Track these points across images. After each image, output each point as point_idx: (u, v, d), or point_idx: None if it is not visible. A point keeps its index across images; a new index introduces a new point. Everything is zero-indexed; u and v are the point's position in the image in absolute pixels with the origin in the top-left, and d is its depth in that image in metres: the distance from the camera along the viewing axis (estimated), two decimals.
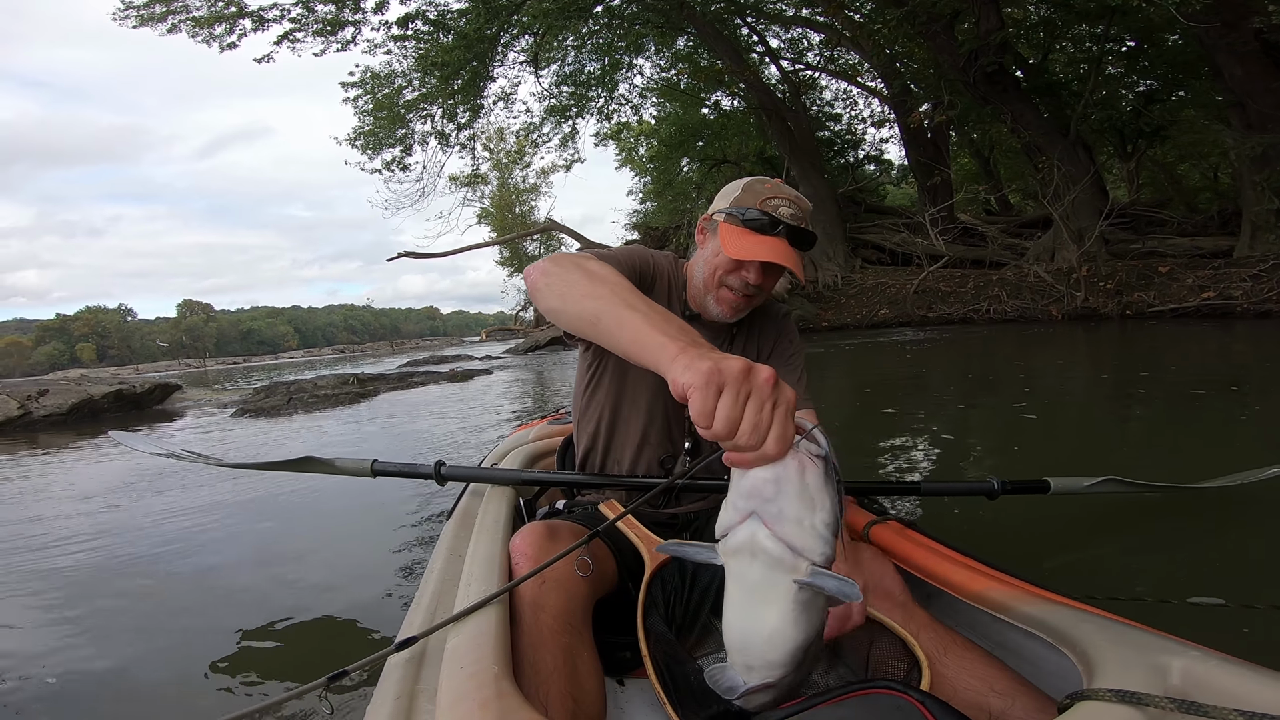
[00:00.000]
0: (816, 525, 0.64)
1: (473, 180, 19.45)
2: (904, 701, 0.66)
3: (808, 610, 0.67)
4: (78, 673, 1.49)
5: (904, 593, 0.93)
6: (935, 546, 1.10)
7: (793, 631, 0.67)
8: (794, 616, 0.66)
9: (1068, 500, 1.93)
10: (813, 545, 0.64)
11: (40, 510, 3.14)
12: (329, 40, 12.79)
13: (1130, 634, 0.74)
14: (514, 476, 1.32)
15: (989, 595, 0.92)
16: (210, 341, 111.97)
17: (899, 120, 15.25)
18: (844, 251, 14.21)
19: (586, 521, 1.07)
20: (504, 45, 14.17)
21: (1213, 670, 0.63)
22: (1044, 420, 3.63)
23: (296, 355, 60.26)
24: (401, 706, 0.67)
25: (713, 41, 14.03)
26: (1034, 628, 0.83)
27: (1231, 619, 1.24)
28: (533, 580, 0.86)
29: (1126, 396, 4.12)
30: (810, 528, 0.64)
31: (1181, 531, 1.90)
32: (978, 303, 11.36)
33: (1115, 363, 5.96)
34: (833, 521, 0.65)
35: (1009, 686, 0.77)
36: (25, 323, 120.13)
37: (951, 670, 0.80)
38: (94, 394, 6.56)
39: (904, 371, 6.46)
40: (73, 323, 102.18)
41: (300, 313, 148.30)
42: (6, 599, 2.00)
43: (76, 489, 3.59)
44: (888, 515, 1.23)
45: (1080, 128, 11.61)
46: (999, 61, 9.80)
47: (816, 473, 0.64)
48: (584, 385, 1.29)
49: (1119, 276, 10.14)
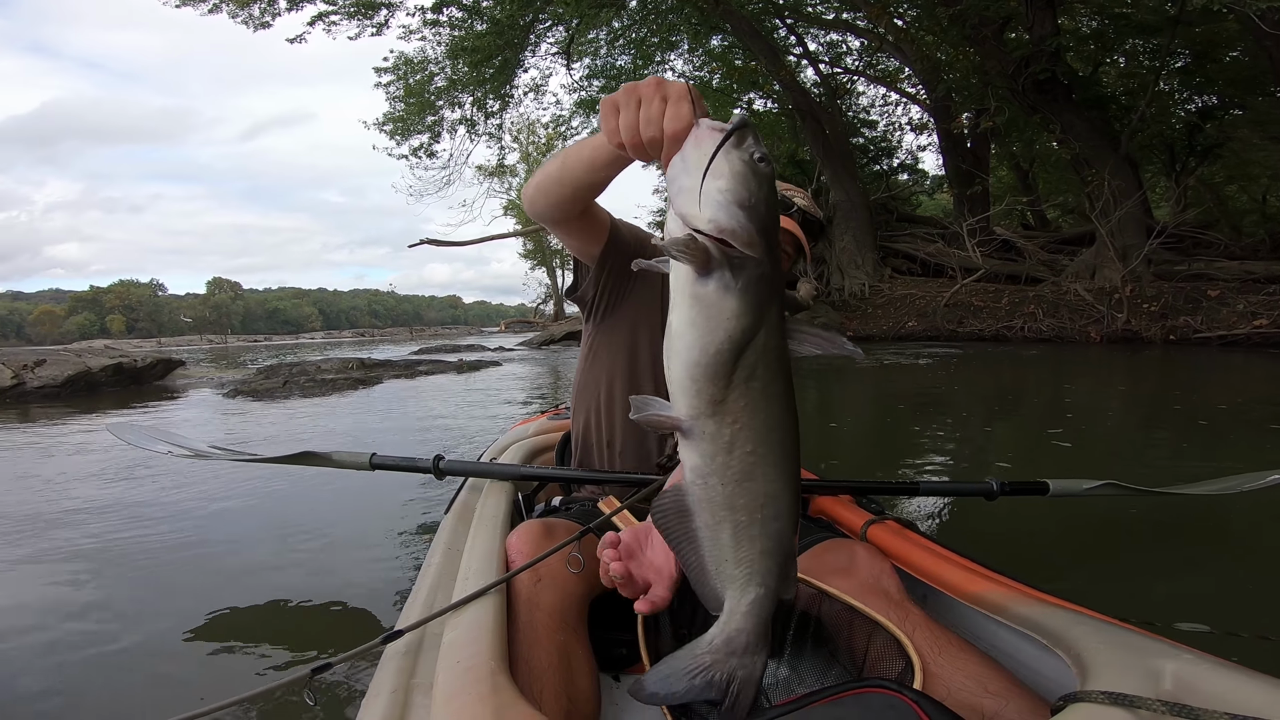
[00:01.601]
0: (709, 190, 0.58)
1: (499, 171, 19.34)
2: (898, 701, 0.64)
3: (707, 311, 0.59)
4: (56, 656, 1.47)
5: (900, 591, 0.91)
6: (932, 547, 1.10)
7: (689, 336, 0.60)
8: (691, 316, 0.60)
9: (1066, 503, 1.96)
10: (698, 212, 0.58)
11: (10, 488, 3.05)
12: (363, 24, 12.72)
13: (1124, 637, 0.74)
14: (512, 471, 1.33)
15: (985, 596, 0.93)
16: (236, 319, 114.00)
17: (939, 127, 14.82)
18: (873, 260, 13.83)
19: (583, 519, 1.08)
20: (537, 36, 14.03)
21: (1205, 674, 0.63)
22: (1081, 450, 3.39)
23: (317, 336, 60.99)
24: (397, 700, 0.67)
25: (749, 39, 13.70)
26: (1029, 629, 0.83)
27: (1218, 644, 1.15)
28: (528, 577, 0.87)
29: (1179, 429, 3.86)
30: (698, 191, 0.58)
31: (1177, 539, 2.02)
32: (1012, 320, 10.95)
33: (1176, 392, 5.62)
34: (735, 190, 0.58)
35: (1003, 687, 0.75)
36: (60, 293, 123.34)
37: (946, 670, 0.79)
38: (92, 367, 6.39)
39: (929, 385, 6.15)
40: (105, 295, 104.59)
41: (326, 295, 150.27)
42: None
43: (61, 468, 3.47)
44: (885, 515, 1.24)
45: (1129, 143, 11.14)
46: (1052, 69, 9.38)
47: (713, 140, 0.59)
48: (584, 359, 1.32)
49: (1165, 299, 9.70)
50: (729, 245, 0.58)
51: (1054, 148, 16.47)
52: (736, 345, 0.59)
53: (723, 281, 0.59)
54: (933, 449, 3.53)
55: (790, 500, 0.65)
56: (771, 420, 0.62)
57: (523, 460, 1.59)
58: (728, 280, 0.59)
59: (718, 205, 0.58)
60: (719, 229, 0.58)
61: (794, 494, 0.66)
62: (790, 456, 0.65)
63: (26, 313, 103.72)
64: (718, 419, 0.61)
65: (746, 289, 0.59)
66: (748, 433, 0.61)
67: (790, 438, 0.65)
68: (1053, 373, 7.29)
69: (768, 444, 0.62)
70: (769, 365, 0.61)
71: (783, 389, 0.63)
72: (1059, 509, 2.22)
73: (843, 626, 0.90)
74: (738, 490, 0.63)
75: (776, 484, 0.64)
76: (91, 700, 1.32)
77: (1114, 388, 6.07)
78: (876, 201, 15.04)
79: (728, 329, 0.59)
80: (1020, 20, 9.91)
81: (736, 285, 0.59)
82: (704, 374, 0.60)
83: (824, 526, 1.25)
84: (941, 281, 12.94)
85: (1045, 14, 9.29)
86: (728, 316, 0.59)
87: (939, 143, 15.52)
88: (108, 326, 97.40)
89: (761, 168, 0.60)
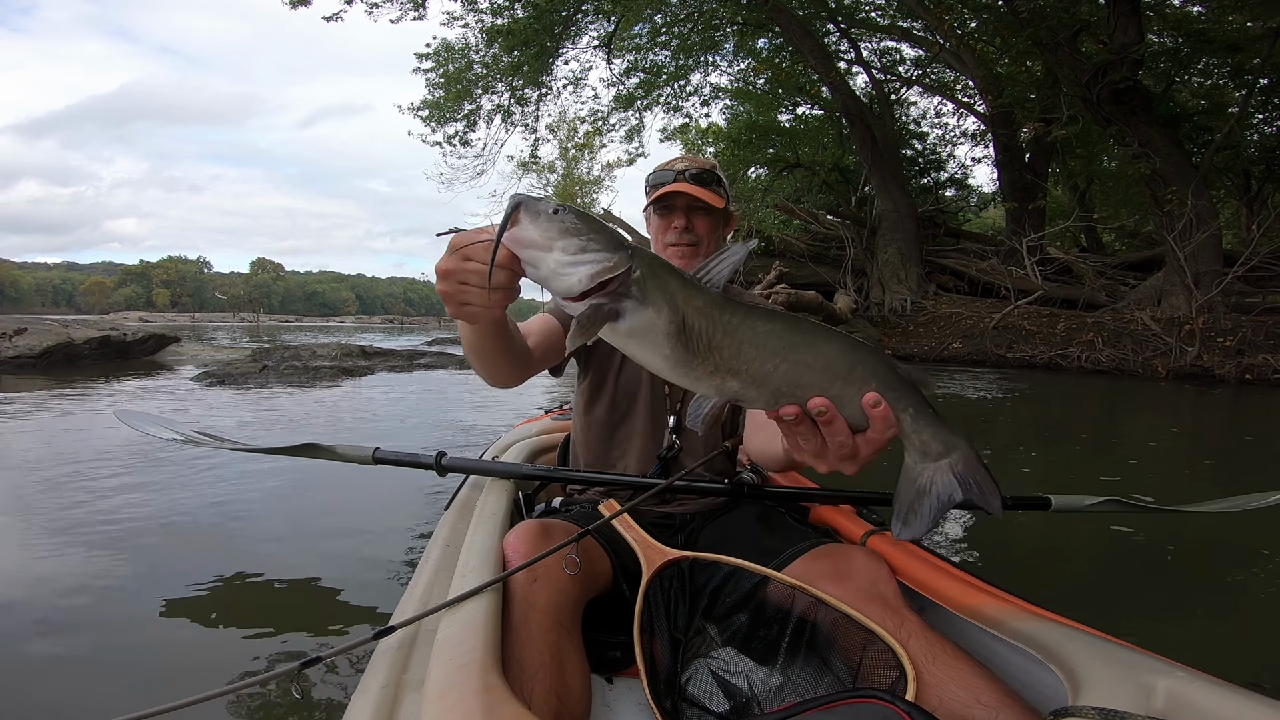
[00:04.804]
0: (555, 264, 0.61)
1: (532, 161, 19.09)
2: (890, 711, 0.64)
3: (646, 336, 0.63)
4: (44, 643, 1.46)
5: (897, 597, 0.92)
6: (931, 559, 1.10)
7: (655, 360, 0.65)
8: (639, 349, 0.64)
9: (1068, 520, 2.04)
10: (570, 285, 0.61)
11: None
12: (404, 7, 12.52)
13: (1117, 652, 0.74)
14: (514, 470, 1.32)
15: (981, 610, 0.93)
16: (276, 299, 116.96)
17: (996, 138, 14.04)
18: (917, 274, 13.10)
19: (582, 520, 1.07)
20: (577, 27, 13.72)
21: (1197, 691, 0.63)
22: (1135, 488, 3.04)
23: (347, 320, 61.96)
24: (388, 695, 0.67)
25: (799, 39, 13.09)
26: (1023, 643, 0.83)
27: (1211, 662, 0.97)
28: (523, 577, 0.88)
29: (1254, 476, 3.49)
30: (554, 274, 0.62)
31: (1177, 558, 2.11)
32: (1067, 347, 10.15)
33: (1248, 438, 4.96)
34: (565, 244, 0.61)
35: (995, 699, 0.75)
36: (111, 266, 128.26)
37: (939, 679, 0.79)
38: (75, 338, 6.14)
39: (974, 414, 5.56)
40: (153, 269, 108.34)
41: (364, 281, 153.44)
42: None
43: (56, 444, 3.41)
44: (886, 526, 1.23)
45: (1208, 164, 10.29)
46: (1133, 78, 8.61)
47: (525, 232, 0.62)
48: (580, 383, 1.36)
49: (1242, 333, 8.84)
50: (607, 281, 0.60)
51: (1113, 166, 15.67)
52: (680, 330, 0.63)
53: (630, 307, 0.62)
54: None
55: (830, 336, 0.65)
56: (756, 334, 0.63)
57: (525, 459, 1.61)
58: (631, 303, 0.62)
59: (571, 265, 0.61)
60: (591, 279, 0.60)
61: (834, 336, 0.65)
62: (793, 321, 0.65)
63: (79, 283, 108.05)
64: (721, 375, 0.64)
65: (647, 291, 0.62)
66: (749, 356, 0.63)
67: (780, 319, 0.65)
68: (1129, 409, 6.65)
69: (767, 348, 0.64)
70: (708, 316, 0.63)
71: (737, 315, 0.64)
72: (1061, 525, 2.25)
73: (838, 633, 0.90)
74: (794, 386, 0.64)
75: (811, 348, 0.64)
76: (74, 688, 1.31)
77: (1189, 427, 5.50)
78: (924, 214, 14.29)
79: (666, 328, 0.62)
80: (1097, 29, 9.18)
81: (642, 297, 0.62)
82: (683, 366, 0.63)
83: (823, 533, 1.22)
84: (990, 302, 12.14)
85: (1130, 20, 8.53)
86: (657, 327, 0.63)
87: (995, 155, 14.70)
88: (154, 300, 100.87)
89: (556, 215, 0.61)
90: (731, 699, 0.90)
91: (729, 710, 0.89)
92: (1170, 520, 2.36)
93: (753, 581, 0.99)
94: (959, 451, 0.67)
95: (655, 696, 0.85)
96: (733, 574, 1.01)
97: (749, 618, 0.98)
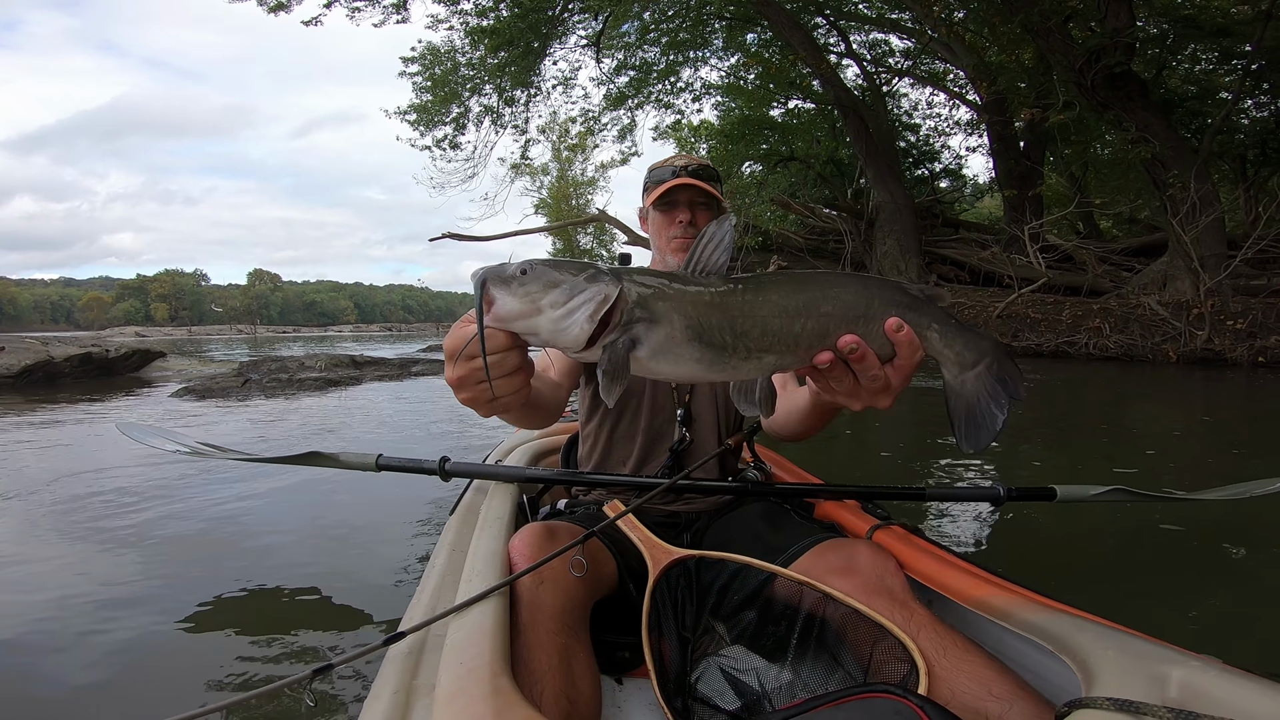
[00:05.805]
0: (551, 324, 0.62)
1: (522, 164, 18.97)
2: (903, 706, 0.64)
3: (670, 351, 0.64)
4: (57, 651, 1.47)
5: (905, 590, 0.92)
6: (938, 552, 1.09)
7: (692, 370, 0.66)
8: (669, 367, 0.66)
9: (1074, 510, 2.01)
10: (573, 340, 0.62)
11: None
12: (385, 10, 12.35)
13: (1130, 643, 0.73)
14: (517, 473, 1.32)
15: (990, 602, 0.92)
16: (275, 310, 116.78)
17: (990, 127, 13.88)
18: (917, 265, 12.96)
19: (587, 522, 1.07)
20: (565, 26, 13.56)
21: (1212, 680, 0.62)
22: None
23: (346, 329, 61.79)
24: (399, 700, 0.68)
25: (789, 32, 12.95)
26: (1034, 634, 0.82)
27: (1226, 651, 0.90)
28: (530, 580, 0.87)
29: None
30: (554, 332, 0.62)
31: (1187, 547, 2.08)
32: (1074, 335, 10.00)
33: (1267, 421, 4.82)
34: (552, 300, 0.62)
35: (1007, 691, 0.74)
36: (109, 281, 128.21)
37: (950, 672, 0.78)
38: (55, 356, 6.05)
39: None
40: (151, 283, 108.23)
41: (362, 289, 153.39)
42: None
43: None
44: (891, 520, 1.22)
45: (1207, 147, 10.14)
46: (1127, 62, 8.45)
47: (505, 306, 0.62)
48: (583, 386, 1.35)
49: (1253, 316, 8.67)
50: (608, 316, 0.61)
51: (1107, 154, 15.51)
52: (700, 331, 0.63)
53: (642, 330, 0.63)
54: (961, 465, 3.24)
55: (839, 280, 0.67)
56: (775, 306, 0.64)
57: (528, 462, 1.62)
58: (641, 325, 0.63)
59: (567, 315, 0.61)
60: (592, 319, 0.61)
61: (843, 278, 0.67)
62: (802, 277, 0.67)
63: (76, 299, 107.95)
64: (757, 356, 0.65)
65: (651, 307, 0.62)
66: (776, 328, 0.64)
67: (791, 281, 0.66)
68: (1142, 394, 6.60)
69: (789, 314, 0.64)
70: (721, 307, 0.63)
71: (749, 293, 0.64)
72: (1067, 516, 2.23)
73: (847, 628, 0.89)
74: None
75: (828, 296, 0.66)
76: (86, 699, 1.30)
77: (1205, 412, 5.38)
78: (921, 205, 14.16)
79: (685, 335, 0.63)
80: (1087, 15, 9.01)
81: (649, 315, 0.63)
82: (718, 363, 0.64)
83: (828, 529, 1.21)
84: (992, 291, 11.99)
85: (1120, 5, 8.39)
86: (676, 338, 0.63)
87: (989, 144, 14.56)
88: (152, 314, 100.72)
89: (525, 275, 0.62)
90: (742, 697, 0.90)
91: (740, 708, 0.89)
92: (1181, 508, 2.32)
93: (760, 578, 0.98)
94: (991, 354, 0.69)
95: (665, 696, 0.86)
96: (739, 571, 1.01)
97: (757, 615, 0.97)
